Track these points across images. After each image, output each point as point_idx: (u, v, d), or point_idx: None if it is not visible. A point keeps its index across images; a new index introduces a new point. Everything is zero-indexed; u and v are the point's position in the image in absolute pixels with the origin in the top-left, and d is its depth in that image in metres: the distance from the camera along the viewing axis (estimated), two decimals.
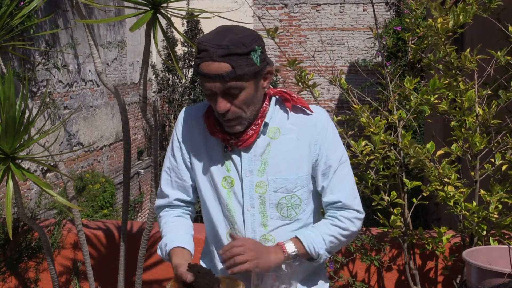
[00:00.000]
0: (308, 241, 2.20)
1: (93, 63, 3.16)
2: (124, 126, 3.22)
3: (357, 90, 3.94)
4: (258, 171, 2.25)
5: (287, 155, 2.25)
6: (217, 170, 2.28)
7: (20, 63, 9.07)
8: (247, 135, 2.22)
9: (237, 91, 2.11)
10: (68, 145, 11.24)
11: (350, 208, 2.28)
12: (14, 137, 2.44)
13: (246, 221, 2.28)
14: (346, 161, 2.32)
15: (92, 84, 12.31)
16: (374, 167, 3.58)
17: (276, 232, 2.27)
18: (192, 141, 2.32)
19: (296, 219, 2.28)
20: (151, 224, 3.12)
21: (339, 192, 2.27)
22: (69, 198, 3.14)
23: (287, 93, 2.27)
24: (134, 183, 14.72)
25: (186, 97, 16.83)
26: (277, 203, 2.25)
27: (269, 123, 2.25)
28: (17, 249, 3.66)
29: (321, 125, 2.26)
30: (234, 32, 2.13)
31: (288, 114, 2.27)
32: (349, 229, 2.28)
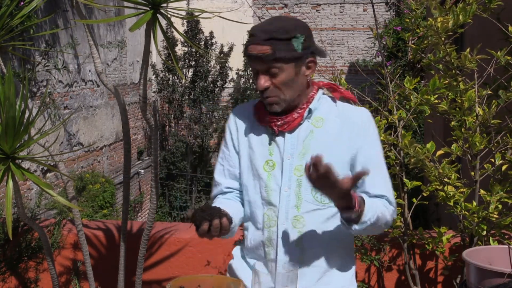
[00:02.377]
0: (368, 205, 2.25)
1: (93, 63, 3.16)
2: (124, 126, 3.22)
3: (357, 90, 3.94)
4: (299, 155, 2.39)
5: (327, 143, 2.37)
6: (261, 155, 2.44)
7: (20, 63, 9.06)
8: (292, 117, 2.38)
9: (277, 71, 2.31)
10: (68, 145, 11.24)
11: (392, 202, 2.40)
12: (14, 137, 2.44)
13: (281, 201, 2.40)
14: (382, 156, 2.44)
15: (92, 84, 12.31)
16: None
17: (307, 215, 2.38)
18: (241, 131, 2.51)
19: (329, 206, 2.35)
20: (151, 224, 3.12)
21: (382, 186, 2.38)
22: (69, 198, 3.14)
23: (335, 84, 2.45)
24: (134, 183, 14.73)
25: (186, 97, 16.83)
26: (312, 187, 2.26)
27: (314, 111, 2.40)
28: (17, 249, 3.66)
29: (363, 120, 2.40)
30: (281, 20, 2.36)
31: (334, 106, 2.43)
32: (389, 220, 2.37)
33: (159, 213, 15.83)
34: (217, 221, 2.18)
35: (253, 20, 16.64)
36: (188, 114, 16.81)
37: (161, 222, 4.21)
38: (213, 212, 2.18)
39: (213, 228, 2.19)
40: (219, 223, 2.19)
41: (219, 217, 2.19)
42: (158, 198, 2.99)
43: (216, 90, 16.90)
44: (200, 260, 3.91)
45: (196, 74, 16.68)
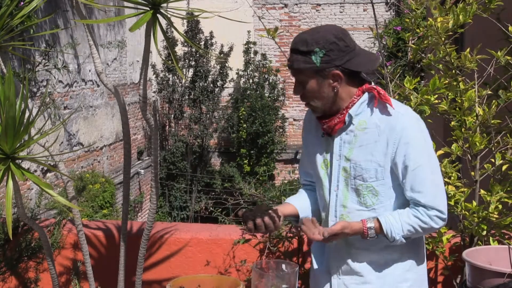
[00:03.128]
0: (387, 225, 2.47)
1: (93, 63, 3.16)
2: (124, 126, 3.22)
3: None
4: (345, 157, 2.56)
5: (368, 147, 2.51)
6: (319, 154, 2.66)
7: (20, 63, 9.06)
8: (334, 122, 2.55)
9: (302, 81, 2.51)
10: (68, 145, 11.24)
11: (432, 207, 2.48)
12: (14, 137, 2.44)
13: (331, 200, 2.62)
14: (430, 162, 2.51)
15: (92, 84, 12.31)
16: None
17: (352, 214, 2.57)
18: (309, 134, 2.74)
19: (372, 209, 2.54)
20: (151, 224, 3.12)
21: (419, 193, 2.48)
22: (69, 198, 3.13)
23: (376, 89, 2.51)
24: (134, 183, 14.73)
25: (186, 97, 16.83)
26: (355, 188, 2.55)
27: (356, 116, 2.53)
28: (17, 249, 3.66)
29: (401, 125, 2.48)
30: (311, 31, 2.54)
31: (374, 110, 2.52)
32: (429, 224, 2.49)
33: (159, 213, 15.82)
34: (259, 220, 2.48)
35: (253, 20, 16.64)
36: (188, 114, 16.81)
37: (161, 222, 4.21)
38: (257, 211, 2.49)
39: (258, 226, 2.48)
40: (261, 221, 2.48)
41: (261, 216, 2.48)
42: (158, 198, 3.00)
43: (216, 90, 16.90)
44: (200, 260, 3.91)
45: (196, 74, 16.68)
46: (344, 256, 2.62)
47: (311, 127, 2.72)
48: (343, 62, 2.46)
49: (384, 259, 2.59)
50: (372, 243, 2.55)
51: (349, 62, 2.47)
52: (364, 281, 2.60)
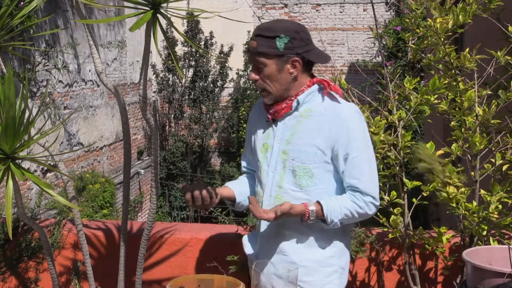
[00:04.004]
0: (328, 208, 2.63)
1: (93, 63, 3.16)
2: (124, 126, 3.21)
3: (357, 90, 3.94)
4: (286, 140, 2.74)
5: (310, 132, 2.69)
6: (260, 138, 2.85)
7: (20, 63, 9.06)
8: (281, 107, 2.74)
9: (262, 66, 2.68)
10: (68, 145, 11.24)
11: (368, 194, 2.67)
12: (14, 137, 2.44)
13: (268, 180, 2.79)
14: (368, 151, 2.71)
15: (92, 84, 12.31)
16: None
17: (287, 194, 2.73)
18: (253, 118, 2.95)
19: (306, 190, 2.71)
20: (151, 224, 3.12)
21: (358, 179, 2.67)
22: (69, 198, 3.13)
23: (326, 81, 2.73)
24: (134, 183, 14.73)
25: (186, 97, 16.83)
26: (292, 170, 2.72)
27: (302, 103, 2.72)
28: (17, 249, 3.66)
29: (345, 115, 2.68)
30: (275, 21, 2.77)
31: (323, 100, 2.72)
32: (364, 209, 2.68)
33: (159, 213, 15.82)
34: (197, 192, 2.63)
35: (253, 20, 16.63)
36: (188, 114, 16.82)
37: (161, 222, 4.21)
38: (196, 186, 2.64)
39: (195, 198, 2.63)
40: (199, 194, 2.63)
41: (200, 189, 2.63)
42: (158, 198, 3.00)
43: (216, 90, 16.90)
44: (200, 260, 3.91)
45: (196, 74, 16.68)
46: (273, 236, 2.79)
47: (256, 117, 2.92)
48: (303, 51, 2.67)
49: (312, 242, 2.75)
50: (304, 226, 2.70)
51: (308, 52, 2.69)
52: (289, 261, 2.74)
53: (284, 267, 2.61)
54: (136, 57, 14.70)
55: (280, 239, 2.78)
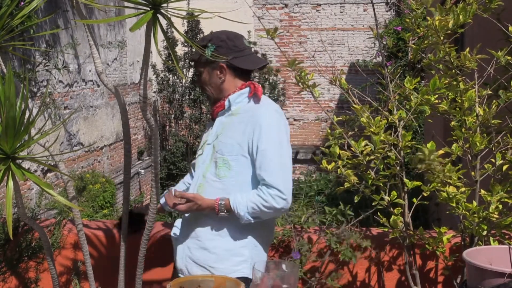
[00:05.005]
0: (234, 202, 2.92)
1: (94, 63, 3.15)
2: (124, 126, 3.21)
3: (357, 90, 3.94)
4: (217, 135, 3.08)
5: (234, 128, 3.02)
6: (205, 135, 3.21)
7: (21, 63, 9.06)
8: (216, 107, 3.14)
9: (198, 73, 3.15)
10: (68, 145, 11.24)
11: (273, 186, 2.89)
12: (15, 137, 2.44)
13: (197, 171, 3.15)
14: (279, 147, 2.96)
15: (92, 84, 12.31)
16: (374, 167, 3.58)
17: (207, 184, 3.05)
18: (207, 126, 3.29)
19: (223, 180, 3.01)
20: (151, 224, 3.11)
21: (265, 171, 2.92)
22: (69, 198, 3.13)
23: (253, 84, 3.07)
24: (135, 183, 14.73)
25: (186, 97, 16.83)
26: (215, 161, 3.04)
27: (234, 103, 3.07)
28: (18, 249, 3.66)
29: (259, 114, 2.99)
30: (213, 32, 3.18)
31: (249, 101, 3.07)
32: (270, 202, 2.90)
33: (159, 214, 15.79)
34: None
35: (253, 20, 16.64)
36: (189, 114, 16.82)
37: (162, 222, 4.21)
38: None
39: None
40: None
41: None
42: (158, 198, 3.01)
43: None
44: None
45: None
46: (192, 221, 3.08)
47: (207, 121, 3.34)
48: (229, 58, 3.02)
49: (225, 232, 3.01)
50: (221, 217, 2.96)
51: (235, 59, 3.04)
52: (202, 246, 3.03)
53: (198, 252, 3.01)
54: (136, 57, 14.70)
55: (197, 224, 3.06)
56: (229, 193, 2.97)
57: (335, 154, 3.55)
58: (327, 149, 3.61)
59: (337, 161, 3.55)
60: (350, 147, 3.59)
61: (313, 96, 3.75)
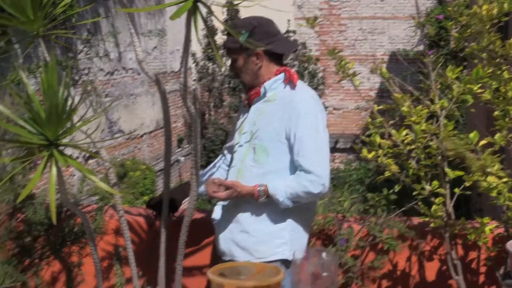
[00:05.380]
0: (273, 188, 2.99)
1: (134, 52, 3.18)
2: (165, 114, 3.23)
3: (398, 79, 3.90)
4: (254, 121, 3.14)
5: (271, 114, 3.08)
6: (240, 122, 3.27)
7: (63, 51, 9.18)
8: (252, 93, 3.16)
9: (234, 60, 3.17)
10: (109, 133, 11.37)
11: (310, 172, 2.96)
12: (57, 124, 2.47)
13: (235, 157, 3.21)
14: (316, 133, 3.02)
15: (132, 72, 12.41)
16: (415, 156, 3.55)
17: (246, 169, 3.12)
18: (241, 108, 3.43)
19: (262, 166, 3.08)
20: (191, 211, 3.14)
21: (302, 157, 2.98)
22: (111, 184, 3.17)
23: (288, 71, 3.11)
24: (174, 170, 14.83)
25: (226, 86, 16.85)
26: (253, 147, 3.10)
27: (269, 89, 3.11)
28: (61, 234, 3.71)
29: (296, 101, 3.04)
30: (242, 19, 3.21)
31: (284, 87, 3.11)
32: (307, 188, 2.97)
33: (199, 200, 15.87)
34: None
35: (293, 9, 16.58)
36: (228, 102, 16.84)
37: (201, 209, 4.23)
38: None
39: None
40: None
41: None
42: (198, 185, 3.03)
43: None
44: None
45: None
46: (232, 207, 3.16)
47: (242, 105, 3.38)
48: (264, 43, 3.00)
49: (265, 216, 3.09)
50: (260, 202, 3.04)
51: (269, 44, 3.04)
52: (243, 229, 3.13)
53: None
54: (176, 46, 14.76)
55: (237, 210, 3.15)
56: (268, 178, 3.04)
57: (375, 143, 3.53)
58: (367, 138, 3.59)
59: (377, 150, 3.53)
60: (391, 136, 3.56)
61: (354, 85, 3.73)
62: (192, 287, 3.90)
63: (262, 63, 3.12)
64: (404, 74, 11.75)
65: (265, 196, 3.02)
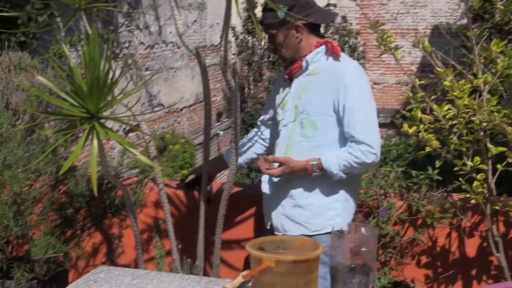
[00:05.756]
0: (326, 161, 3.00)
1: (175, 25, 3.18)
2: (204, 87, 3.24)
3: (440, 53, 3.83)
4: (298, 96, 3.12)
5: (317, 87, 3.07)
6: (280, 97, 3.25)
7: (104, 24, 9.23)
8: (293, 67, 3.14)
9: (272, 36, 3.11)
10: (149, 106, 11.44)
11: (362, 142, 2.97)
12: (99, 97, 2.49)
13: (281, 133, 3.19)
14: (364, 103, 3.02)
15: (172, 46, 12.43)
16: (457, 131, 3.50)
17: (295, 144, 3.12)
18: (277, 83, 3.40)
19: (312, 140, 3.08)
20: (230, 184, 3.15)
21: (353, 128, 2.98)
22: (151, 157, 3.19)
23: (330, 42, 3.09)
24: (213, 144, 14.89)
25: (265, 60, 16.79)
26: (301, 122, 3.09)
27: (312, 63, 3.10)
28: (102, 206, 3.76)
29: (342, 73, 3.03)
30: None
31: (327, 59, 3.09)
32: (360, 158, 2.98)
33: (237, 174, 15.95)
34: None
35: None
36: (267, 76, 16.79)
37: (240, 183, 4.24)
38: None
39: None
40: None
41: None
42: (237, 159, 3.03)
43: None
44: None
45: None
46: (284, 182, 3.16)
47: (279, 79, 3.36)
48: (304, 16, 2.98)
49: (318, 189, 3.11)
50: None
51: (308, 16, 3.01)
52: (296, 204, 3.15)
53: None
54: (216, 19, 14.73)
55: (289, 185, 3.15)
56: (318, 152, 3.05)
57: (416, 118, 3.49)
58: (408, 113, 3.54)
59: (418, 125, 3.49)
60: (432, 111, 3.52)
61: (395, 59, 3.68)
62: (231, 260, 3.92)
63: (302, 36, 3.09)
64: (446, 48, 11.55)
65: (318, 170, 3.03)
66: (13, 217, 3.34)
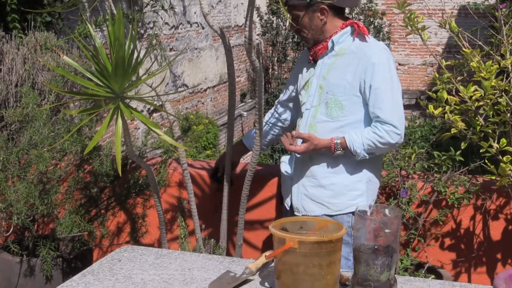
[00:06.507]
0: (350, 140, 3.02)
1: (200, 5, 3.17)
2: (229, 67, 3.23)
3: (467, 33, 3.79)
4: (323, 76, 3.13)
5: (342, 68, 3.08)
6: (304, 77, 3.25)
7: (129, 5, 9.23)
8: (318, 48, 3.15)
9: (296, 17, 3.12)
10: (173, 87, 11.47)
11: (387, 122, 2.98)
12: (123, 76, 2.50)
13: (305, 112, 3.19)
14: (391, 84, 3.02)
15: (197, 26, 12.42)
16: (483, 113, 3.46)
17: (320, 124, 3.13)
18: (300, 63, 3.38)
19: (337, 120, 3.09)
20: (254, 165, 3.15)
21: (379, 109, 3.00)
22: (175, 137, 3.20)
23: (357, 23, 3.10)
24: (237, 125, 14.90)
25: (289, 40, 16.71)
26: (326, 102, 3.10)
27: (338, 44, 3.11)
28: (126, 186, 3.78)
29: (371, 51, 3.04)
30: None
31: (354, 40, 3.10)
32: (385, 138, 2.99)
33: (261, 155, 15.95)
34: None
35: None
36: (292, 57, 16.72)
37: (263, 164, 4.24)
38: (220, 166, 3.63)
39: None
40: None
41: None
42: (261, 140, 3.03)
43: None
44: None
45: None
46: (307, 161, 3.17)
47: (302, 60, 3.35)
48: None
49: (340, 169, 3.12)
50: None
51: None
52: (318, 184, 3.15)
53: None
54: (240, 0, 14.68)
55: (312, 163, 3.16)
56: (342, 132, 3.06)
57: (442, 99, 3.46)
58: (434, 94, 3.51)
59: (444, 107, 3.46)
60: (459, 92, 3.48)
61: (422, 39, 3.64)
62: (254, 240, 3.94)
63: (327, 18, 3.10)
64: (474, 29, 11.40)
65: (341, 148, 3.04)
66: (39, 196, 3.37)
